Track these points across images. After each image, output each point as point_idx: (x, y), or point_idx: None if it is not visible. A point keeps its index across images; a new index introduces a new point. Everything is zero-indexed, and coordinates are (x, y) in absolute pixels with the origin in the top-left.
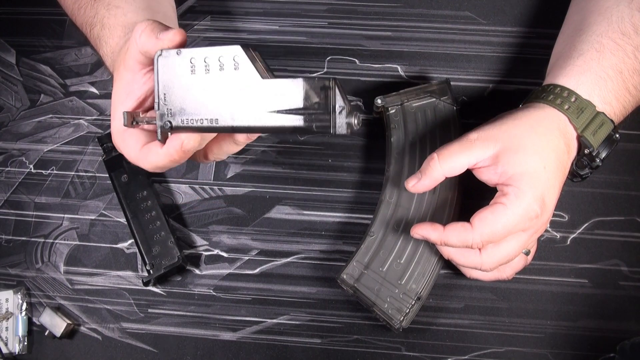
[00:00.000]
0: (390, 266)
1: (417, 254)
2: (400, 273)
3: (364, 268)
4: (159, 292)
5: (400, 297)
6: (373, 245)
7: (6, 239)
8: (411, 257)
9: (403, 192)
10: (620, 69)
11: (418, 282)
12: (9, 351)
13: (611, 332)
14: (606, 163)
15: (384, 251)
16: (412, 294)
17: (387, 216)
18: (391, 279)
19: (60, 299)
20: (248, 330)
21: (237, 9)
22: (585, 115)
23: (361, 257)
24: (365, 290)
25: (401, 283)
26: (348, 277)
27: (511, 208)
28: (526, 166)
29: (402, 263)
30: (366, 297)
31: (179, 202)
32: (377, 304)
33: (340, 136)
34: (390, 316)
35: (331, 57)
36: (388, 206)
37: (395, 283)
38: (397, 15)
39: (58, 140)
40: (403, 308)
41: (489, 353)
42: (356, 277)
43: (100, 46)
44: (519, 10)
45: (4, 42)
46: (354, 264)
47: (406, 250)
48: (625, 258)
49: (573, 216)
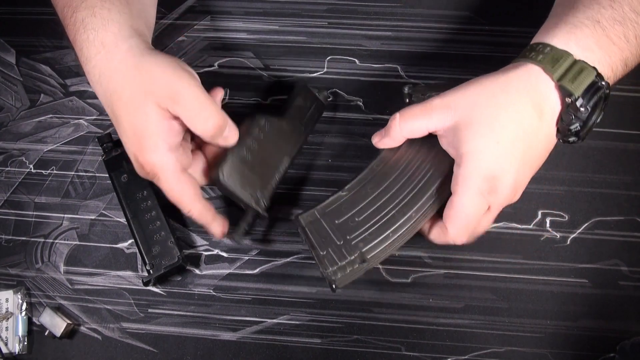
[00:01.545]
0: (345, 221)
1: (380, 216)
2: (352, 230)
3: (320, 216)
4: (159, 292)
5: (342, 252)
6: (339, 200)
7: (6, 238)
8: (370, 218)
9: (392, 157)
10: (597, 18)
11: (367, 243)
12: (9, 351)
13: (611, 332)
14: (606, 163)
15: (346, 207)
16: (354, 251)
17: (366, 179)
18: (341, 231)
19: (60, 299)
20: (248, 330)
21: (237, 9)
22: (561, 64)
23: (323, 208)
24: (314, 234)
25: (348, 238)
26: (303, 219)
27: (462, 196)
28: (474, 143)
29: (358, 221)
30: (311, 239)
31: None
32: (317, 247)
33: (338, 135)
34: (324, 263)
35: (331, 57)
36: (372, 172)
37: (343, 237)
38: (397, 15)
39: (58, 140)
40: (340, 262)
41: (489, 353)
42: (310, 221)
43: (84, 32)
44: (519, 10)
45: (4, 42)
46: (314, 211)
47: (368, 210)
48: (625, 258)
49: (573, 216)
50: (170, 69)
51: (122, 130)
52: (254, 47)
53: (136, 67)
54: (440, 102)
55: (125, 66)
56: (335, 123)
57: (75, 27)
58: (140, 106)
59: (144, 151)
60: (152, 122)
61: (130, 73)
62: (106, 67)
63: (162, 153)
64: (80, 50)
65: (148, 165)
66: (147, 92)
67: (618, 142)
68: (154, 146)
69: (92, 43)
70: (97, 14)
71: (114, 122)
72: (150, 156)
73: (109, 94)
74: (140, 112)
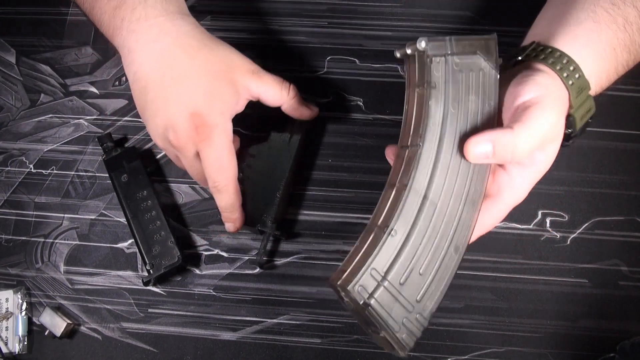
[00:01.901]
0: (410, 278)
1: (436, 262)
2: (418, 287)
3: (381, 279)
4: (159, 291)
5: (416, 319)
6: (395, 248)
7: (6, 238)
8: (431, 266)
9: (435, 179)
10: (614, 45)
11: (433, 298)
12: (9, 351)
13: (611, 332)
14: (606, 163)
15: (406, 257)
16: (427, 315)
17: (413, 209)
18: (409, 295)
19: (60, 299)
20: (248, 330)
21: (237, 9)
22: (582, 96)
23: (380, 265)
24: (380, 309)
25: (418, 301)
26: (361, 290)
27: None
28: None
29: (422, 274)
30: (378, 317)
31: (179, 202)
32: (389, 327)
33: (338, 135)
34: (403, 344)
35: (331, 57)
36: (416, 195)
37: (412, 301)
38: (397, 15)
39: (58, 140)
40: (415, 333)
41: (489, 353)
42: (370, 292)
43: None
44: (519, 10)
45: (4, 42)
46: (369, 273)
47: (427, 257)
48: (625, 258)
49: (573, 216)
50: (238, 53)
51: (190, 85)
52: (254, 47)
53: (212, 40)
54: None
55: (200, 34)
56: (335, 123)
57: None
58: (223, 73)
59: (213, 111)
60: (228, 91)
61: (208, 42)
62: (172, 29)
63: (227, 119)
64: (131, 11)
65: (207, 127)
66: (229, 63)
67: (618, 142)
68: (224, 109)
69: (152, 7)
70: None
71: (170, 78)
72: (217, 117)
73: (172, 51)
74: (222, 78)
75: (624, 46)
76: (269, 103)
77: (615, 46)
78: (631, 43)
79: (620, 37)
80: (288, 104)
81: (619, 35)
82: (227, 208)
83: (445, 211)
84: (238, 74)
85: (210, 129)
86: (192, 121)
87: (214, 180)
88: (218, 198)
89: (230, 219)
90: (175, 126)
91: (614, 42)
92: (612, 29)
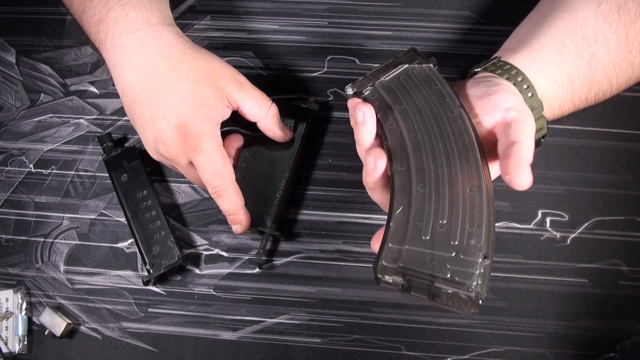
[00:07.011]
0: (433, 230)
1: (462, 206)
2: (448, 234)
3: (402, 244)
4: (159, 291)
5: (462, 259)
6: (403, 217)
7: (6, 238)
8: (456, 212)
9: (412, 154)
10: (573, 77)
11: (477, 236)
12: (9, 351)
13: (611, 331)
14: (606, 163)
15: (419, 218)
16: (475, 251)
17: (406, 183)
18: (441, 243)
19: (60, 299)
20: (248, 329)
21: (237, 9)
22: (534, 113)
23: (395, 236)
24: (416, 266)
25: (455, 244)
26: (388, 261)
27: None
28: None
29: (445, 223)
30: (420, 273)
31: (179, 202)
32: (437, 275)
33: (338, 135)
34: (461, 284)
35: (331, 57)
36: (403, 175)
37: (447, 247)
38: (397, 15)
39: (58, 140)
40: (472, 271)
41: (489, 353)
42: (397, 258)
43: (121, 9)
44: (519, 10)
45: (4, 42)
46: (388, 245)
47: (445, 207)
48: (625, 258)
49: (573, 216)
50: (223, 61)
51: (173, 97)
52: (254, 47)
53: (194, 49)
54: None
55: (182, 44)
56: (336, 123)
57: (109, 6)
58: (205, 80)
59: (198, 119)
60: (212, 97)
61: (190, 51)
62: (153, 42)
63: (213, 125)
64: (114, 25)
65: (194, 136)
66: (212, 71)
67: (618, 142)
68: (210, 115)
69: (134, 19)
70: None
71: (154, 92)
72: (203, 125)
73: (155, 63)
74: (205, 85)
75: (584, 81)
76: (246, 116)
77: (574, 78)
78: (592, 80)
79: (582, 72)
80: (264, 123)
81: (581, 69)
82: (232, 210)
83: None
84: (222, 80)
85: (198, 138)
86: (179, 132)
87: (213, 185)
88: (220, 203)
89: (236, 220)
90: (164, 139)
91: (574, 75)
92: (574, 62)
